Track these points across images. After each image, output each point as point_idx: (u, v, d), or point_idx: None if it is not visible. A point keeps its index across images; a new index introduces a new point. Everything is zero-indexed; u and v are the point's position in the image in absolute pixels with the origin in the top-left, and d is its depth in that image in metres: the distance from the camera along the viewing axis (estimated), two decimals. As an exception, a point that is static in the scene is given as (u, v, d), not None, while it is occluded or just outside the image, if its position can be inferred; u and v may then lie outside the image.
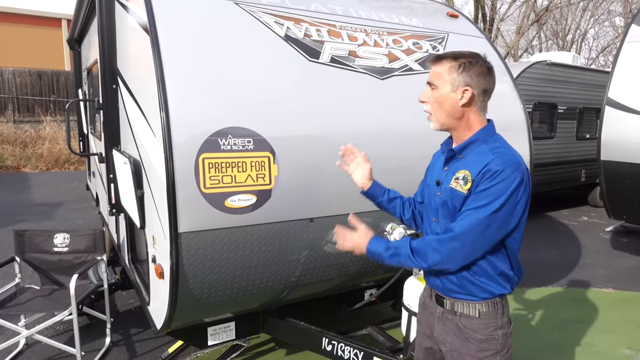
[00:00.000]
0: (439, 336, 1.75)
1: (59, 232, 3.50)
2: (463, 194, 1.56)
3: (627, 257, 6.00)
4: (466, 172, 1.57)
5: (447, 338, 1.71)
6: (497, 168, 1.50)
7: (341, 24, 2.82)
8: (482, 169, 1.53)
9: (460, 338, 1.67)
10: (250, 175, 2.23)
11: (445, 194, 1.63)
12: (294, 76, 2.48)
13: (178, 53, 2.21)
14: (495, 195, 1.50)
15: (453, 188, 1.60)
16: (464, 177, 1.57)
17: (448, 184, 1.64)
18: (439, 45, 3.14)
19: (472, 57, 1.59)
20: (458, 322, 1.68)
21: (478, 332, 1.65)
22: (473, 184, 1.54)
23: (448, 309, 1.70)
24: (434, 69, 1.64)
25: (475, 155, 1.61)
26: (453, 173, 1.63)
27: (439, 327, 1.74)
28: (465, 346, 1.66)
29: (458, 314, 1.68)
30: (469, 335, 1.66)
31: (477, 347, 1.65)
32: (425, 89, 1.68)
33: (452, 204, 1.60)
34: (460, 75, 1.58)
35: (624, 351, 3.55)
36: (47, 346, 3.37)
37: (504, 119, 3.22)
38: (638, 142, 4.61)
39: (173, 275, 2.15)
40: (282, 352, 3.39)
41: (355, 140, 2.55)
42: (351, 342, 2.65)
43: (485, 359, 1.65)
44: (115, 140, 3.02)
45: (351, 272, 2.81)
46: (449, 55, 1.61)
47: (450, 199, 1.61)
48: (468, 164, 1.60)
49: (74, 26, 4.96)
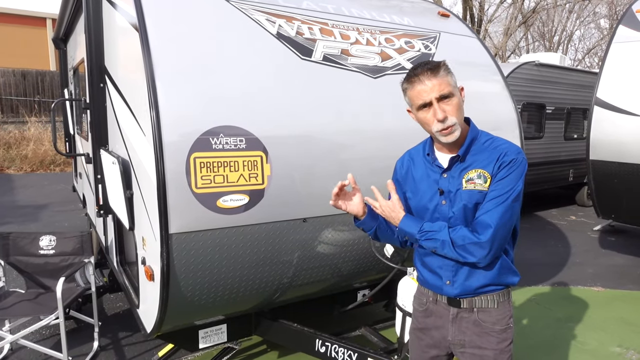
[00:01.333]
0: (453, 339, 1.71)
1: (44, 235, 3.42)
2: (483, 191, 1.58)
3: (614, 255, 6.07)
4: (479, 171, 1.60)
5: (465, 338, 1.69)
6: (512, 157, 1.57)
7: (333, 22, 2.79)
8: (497, 161, 1.58)
9: (479, 334, 1.67)
10: (243, 175, 2.19)
11: (462, 198, 1.61)
12: (286, 75, 2.45)
13: (168, 51, 2.17)
14: (515, 182, 1.56)
15: (471, 189, 1.59)
16: (479, 176, 1.59)
17: (460, 188, 1.61)
18: (431, 44, 3.13)
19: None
20: (477, 318, 1.67)
21: (497, 324, 1.67)
22: (492, 179, 1.58)
23: (465, 308, 1.68)
24: (438, 79, 1.55)
25: (478, 154, 1.63)
26: (460, 176, 1.62)
27: (453, 329, 1.71)
28: (486, 341, 1.66)
29: (475, 310, 1.67)
30: (489, 329, 1.66)
31: (497, 339, 1.66)
32: (440, 105, 1.55)
33: (473, 206, 1.60)
34: (453, 77, 1.60)
35: (615, 349, 3.58)
36: (32, 351, 3.29)
37: (496, 117, 3.23)
38: (626, 141, 4.66)
39: (164, 277, 2.10)
40: (275, 355, 3.35)
41: (347, 140, 2.55)
42: (345, 343, 2.62)
43: (505, 349, 1.67)
44: (103, 140, 2.96)
45: (344, 273, 2.78)
46: (435, 63, 1.58)
47: (469, 201, 1.60)
48: (476, 162, 1.61)
49: (59, 25, 4.87)
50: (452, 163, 1.65)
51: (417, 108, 1.60)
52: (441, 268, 1.68)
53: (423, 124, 1.63)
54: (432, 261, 1.70)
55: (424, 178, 1.71)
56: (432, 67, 1.56)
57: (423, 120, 1.61)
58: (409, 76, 1.60)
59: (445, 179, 1.65)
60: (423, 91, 1.55)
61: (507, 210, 1.55)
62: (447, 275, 1.67)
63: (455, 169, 1.64)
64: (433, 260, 1.70)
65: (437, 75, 1.54)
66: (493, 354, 1.66)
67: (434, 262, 1.69)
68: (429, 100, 1.55)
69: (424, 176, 1.71)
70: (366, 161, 2.55)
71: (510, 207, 1.55)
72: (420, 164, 1.75)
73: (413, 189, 1.73)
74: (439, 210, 1.66)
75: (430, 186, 1.68)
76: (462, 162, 1.64)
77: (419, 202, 1.70)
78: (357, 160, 2.56)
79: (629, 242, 6.70)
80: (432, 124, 1.57)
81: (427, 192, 1.68)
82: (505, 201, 1.54)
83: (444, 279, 1.68)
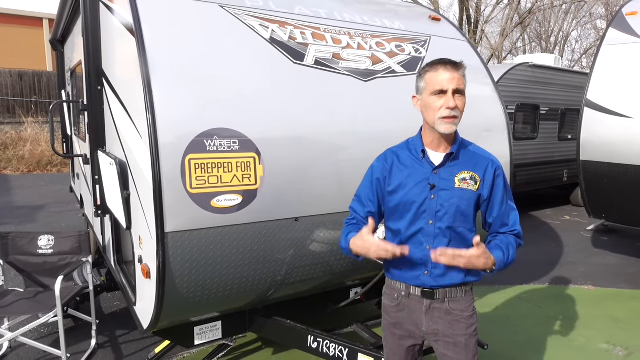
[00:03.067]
0: (427, 329, 1.81)
1: (43, 234, 3.48)
2: (474, 192, 1.76)
3: (607, 255, 6.15)
4: (471, 173, 1.76)
5: (438, 327, 1.80)
6: (500, 166, 1.83)
7: (325, 27, 2.86)
8: (487, 169, 1.79)
9: (450, 322, 1.79)
10: (236, 176, 2.25)
11: (454, 195, 1.73)
12: (279, 78, 2.51)
13: (164, 55, 2.23)
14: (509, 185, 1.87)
15: (464, 189, 1.74)
16: (471, 178, 1.75)
17: (451, 185, 1.73)
18: (422, 48, 3.20)
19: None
20: (448, 307, 1.79)
21: (465, 311, 1.80)
22: (481, 183, 1.77)
23: (438, 299, 1.78)
24: (459, 75, 1.69)
25: (466, 156, 1.79)
26: (452, 175, 1.75)
27: (427, 320, 1.80)
28: (457, 327, 1.79)
29: (447, 300, 1.78)
30: (459, 316, 1.79)
31: (466, 324, 1.80)
32: (454, 98, 1.67)
33: (465, 204, 1.74)
34: (466, 81, 1.74)
35: (602, 346, 3.65)
36: (31, 349, 3.35)
37: (485, 120, 3.30)
38: (616, 142, 4.74)
39: (160, 275, 2.17)
40: (269, 352, 3.42)
41: (339, 142, 2.62)
42: (336, 339, 2.69)
43: (472, 333, 1.81)
44: (101, 141, 3.02)
45: (337, 271, 2.85)
46: (460, 62, 1.71)
47: (461, 198, 1.73)
48: (465, 165, 1.77)
49: (57, 27, 4.92)
50: (445, 160, 1.76)
51: (431, 92, 1.70)
52: (422, 260, 1.77)
53: (428, 108, 1.72)
54: (413, 253, 1.77)
55: (412, 173, 1.79)
56: (456, 63, 1.70)
57: (431, 104, 1.71)
58: (434, 63, 1.72)
59: (436, 176, 1.75)
60: (445, 79, 1.67)
61: None
62: (426, 266, 1.77)
63: (447, 167, 1.76)
64: (415, 253, 1.77)
65: (458, 71, 1.69)
66: (464, 339, 1.79)
67: (416, 254, 1.77)
68: (447, 89, 1.67)
69: (412, 171, 1.79)
70: (357, 162, 2.61)
71: None
72: (407, 159, 1.82)
73: (399, 183, 1.80)
74: (427, 204, 1.75)
75: (420, 181, 1.76)
76: (453, 160, 1.77)
77: (406, 196, 1.78)
78: (348, 162, 2.62)
79: (621, 241, 6.78)
80: (439, 110, 1.68)
81: (416, 187, 1.76)
82: (514, 205, 1.87)
83: (422, 270, 1.77)
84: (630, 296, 4.72)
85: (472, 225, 1.78)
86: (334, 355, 2.66)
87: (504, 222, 1.83)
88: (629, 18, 4.96)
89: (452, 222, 1.73)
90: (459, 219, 1.74)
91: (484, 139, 3.24)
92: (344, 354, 2.62)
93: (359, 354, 2.57)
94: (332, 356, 2.67)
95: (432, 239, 1.74)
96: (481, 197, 1.79)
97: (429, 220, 1.74)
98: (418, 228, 1.76)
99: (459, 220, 1.74)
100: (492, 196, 1.80)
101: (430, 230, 1.74)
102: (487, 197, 1.79)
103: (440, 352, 1.82)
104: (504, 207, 1.82)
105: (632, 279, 5.23)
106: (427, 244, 1.75)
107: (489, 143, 3.26)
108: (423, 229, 1.75)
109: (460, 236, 1.75)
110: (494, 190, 1.80)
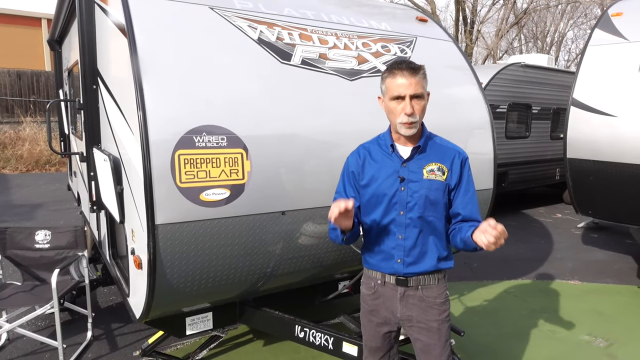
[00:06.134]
0: (402, 315, 1.91)
1: (40, 229, 3.58)
2: (442, 182, 1.85)
3: (595, 251, 6.26)
4: (438, 164, 1.85)
5: (412, 313, 1.90)
6: (466, 157, 1.92)
7: (312, 28, 2.96)
8: (454, 160, 1.87)
9: (423, 308, 1.89)
10: (224, 171, 2.35)
11: (422, 186, 1.83)
12: (266, 77, 2.61)
13: (154, 55, 2.33)
14: (472, 177, 1.94)
15: (432, 179, 1.83)
16: (439, 169, 1.84)
17: (420, 177, 1.83)
18: (407, 48, 3.30)
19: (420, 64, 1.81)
20: (421, 294, 1.88)
21: (438, 298, 1.89)
22: (449, 173, 1.86)
23: (412, 286, 1.88)
24: (417, 79, 1.75)
25: (433, 149, 1.88)
26: (420, 167, 1.84)
27: (401, 307, 1.91)
28: (430, 314, 1.88)
29: (420, 287, 1.88)
30: (432, 303, 1.88)
31: (438, 310, 1.89)
32: (411, 103, 1.75)
33: (434, 194, 1.83)
34: (426, 82, 1.82)
35: (584, 337, 3.76)
36: (29, 341, 3.45)
37: (470, 119, 3.40)
38: (601, 140, 4.85)
39: (151, 266, 2.26)
40: (260, 343, 3.52)
41: (324, 139, 2.71)
42: (322, 328, 2.79)
43: (445, 319, 1.90)
44: (96, 139, 3.11)
45: (325, 264, 2.95)
46: (417, 65, 1.78)
47: (429, 189, 1.83)
48: (433, 157, 1.86)
49: (54, 27, 5.01)
50: (413, 154, 1.86)
51: (390, 97, 1.80)
52: (394, 249, 1.87)
53: (390, 112, 1.83)
54: (385, 244, 1.88)
55: (382, 167, 1.89)
56: (414, 67, 1.76)
57: (391, 109, 1.81)
58: (392, 68, 1.79)
59: (405, 168, 1.85)
60: (402, 85, 1.75)
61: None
62: (398, 255, 1.86)
63: (415, 160, 1.86)
64: (386, 243, 1.88)
65: (416, 76, 1.75)
66: (437, 324, 1.88)
67: (388, 244, 1.88)
68: (404, 95, 1.76)
69: (382, 165, 1.89)
70: (342, 159, 2.67)
71: None
72: (377, 154, 1.93)
73: (371, 177, 1.90)
74: (398, 195, 1.85)
75: (390, 174, 1.86)
76: (421, 153, 1.86)
77: (378, 189, 1.88)
78: (334, 158, 2.71)
79: (610, 238, 6.90)
80: (399, 115, 1.78)
81: (387, 179, 1.86)
82: (475, 197, 1.92)
83: (395, 258, 1.87)
84: (615, 290, 4.84)
85: (442, 214, 1.88)
86: (319, 344, 2.76)
87: (468, 209, 1.89)
88: (614, 19, 5.06)
89: (422, 212, 1.83)
90: (428, 209, 1.84)
91: (468, 137, 3.34)
92: (329, 343, 2.72)
93: (344, 342, 2.67)
94: (318, 345, 2.77)
95: (403, 229, 1.85)
96: (449, 186, 1.88)
97: (400, 211, 1.84)
98: (390, 219, 1.86)
99: (429, 210, 1.84)
100: (459, 185, 1.89)
101: (401, 220, 1.85)
102: (454, 185, 1.88)
103: (414, 337, 1.93)
104: (469, 195, 1.90)
105: (618, 274, 5.34)
106: (399, 234, 1.86)
107: (473, 141, 3.37)
108: (395, 220, 1.85)
109: (430, 225, 1.86)
110: (461, 179, 1.89)
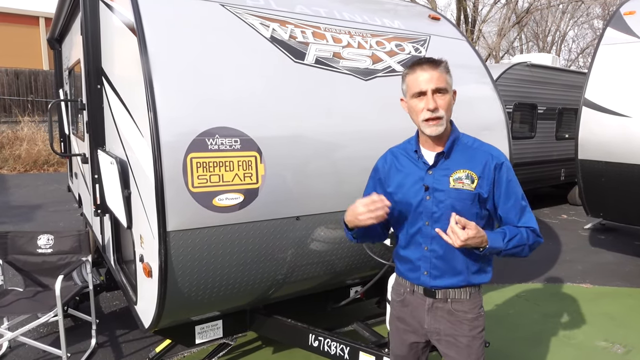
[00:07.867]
0: (429, 327, 1.81)
1: (42, 234, 3.47)
2: (471, 192, 1.67)
3: (604, 253, 6.18)
4: (467, 171, 1.68)
5: (440, 326, 1.79)
6: (502, 159, 1.73)
7: (326, 26, 2.86)
8: (486, 165, 1.69)
9: (453, 323, 1.77)
10: (238, 175, 2.26)
11: (449, 196, 1.68)
12: (279, 77, 2.51)
13: (165, 54, 2.23)
14: (518, 181, 1.76)
15: (459, 189, 1.67)
16: (467, 176, 1.68)
17: (446, 186, 1.69)
18: (421, 47, 3.21)
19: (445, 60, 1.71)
20: (450, 307, 1.77)
21: (469, 313, 1.77)
22: (479, 180, 1.68)
23: (440, 298, 1.77)
24: (438, 73, 1.64)
25: (462, 153, 1.72)
26: (447, 174, 1.70)
27: (429, 318, 1.80)
28: (460, 329, 1.77)
29: (449, 300, 1.76)
30: (462, 317, 1.76)
31: (469, 326, 1.77)
32: (434, 97, 1.64)
33: (461, 205, 1.67)
34: (450, 77, 1.70)
35: (600, 343, 3.67)
36: (31, 349, 3.34)
37: (485, 118, 3.31)
38: (613, 141, 4.77)
39: (162, 274, 2.17)
40: (269, 351, 3.42)
41: (339, 141, 2.62)
42: (337, 337, 2.69)
43: (477, 335, 1.77)
44: (100, 140, 3.02)
45: (337, 270, 2.85)
46: (437, 59, 1.68)
47: (456, 199, 1.67)
48: (461, 162, 1.70)
49: (54, 25, 4.90)
50: (437, 160, 1.73)
51: (411, 95, 1.68)
52: (420, 260, 1.77)
53: (412, 112, 1.71)
54: (412, 254, 1.79)
55: (409, 174, 1.78)
56: (434, 61, 1.66)
57: (414, 107, 1.69)
58: (412, 65, 1.69)
59: (430, 176, 1.73)
60: (422, 79, 1.64)
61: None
62: (425, 267, 1.76)
63: (440, 166, 1.72)
64: (413, 253, 1.78)
65: (437, 69, 1.65)
66: (466, 340, 1.77)
67: (414, 255, 1.78)
68: (425, 90, 1.64)
69: (409, 172, 1.78)
70: (357, 161, 2.62)
71: None
72: (404, 160, 1.81)
73: (398, 184, 1.80)
74: (423, 205, 1.73)
75: (415, 182, 1.75)
76: (446, 159, 1.72)
77: (403, 197, 1.77)
78: (348, 160, 2.63)
79: (618, 240, 6.82)
80: (421, 112, 1.65)
81: (412, 187, 1.75)
82: (525, 201, 1.76)
83: (422, 270, 1.77)
84: (626, 294, 4.75)
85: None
86: (335, 354, 2.67)
87: (510, 218, 1.73)
88: (626, 17, 4.98)
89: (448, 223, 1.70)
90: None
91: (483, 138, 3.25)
92: (345, 353, 2.63)
93: (361, 352, 2.57)
94: (333, 355, 2.67)
95: (429, 240, 1.73)
96: (480, 195, 1.69)
97: (425, 221, 1.73)
98: (416, 229, 1.76)
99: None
100: (496, 193, 1.71)
101: (427, 231, 1.73)
102: (487, 194, 1.70)
103: (443, 351, 1.82)
104: (510, 202, 1.71)
105: (628, 276, 5.26)
106: (425, 245, 1.75)
107: (488, 142, 3.28)
108: (421, 230, 1.75)
109: None
110: (496, 186, 1.70)
